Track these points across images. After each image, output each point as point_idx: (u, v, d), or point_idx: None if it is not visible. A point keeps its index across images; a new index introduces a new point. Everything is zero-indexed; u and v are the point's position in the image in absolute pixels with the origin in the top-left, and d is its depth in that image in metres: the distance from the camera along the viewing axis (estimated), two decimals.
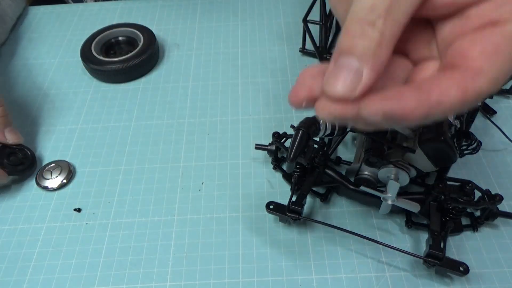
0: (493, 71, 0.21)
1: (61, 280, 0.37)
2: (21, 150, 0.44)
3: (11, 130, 0.44)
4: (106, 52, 0.57)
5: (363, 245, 0.38)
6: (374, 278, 0.36)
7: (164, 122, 0.49)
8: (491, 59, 0.21)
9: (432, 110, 0.21)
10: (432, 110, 0.21)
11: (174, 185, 0.43)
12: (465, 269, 0.33)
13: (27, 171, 0.44)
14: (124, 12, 0.65)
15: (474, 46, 0.22)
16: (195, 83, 0.54)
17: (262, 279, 0.36)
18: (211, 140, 0.47)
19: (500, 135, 0.43)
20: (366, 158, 0.35)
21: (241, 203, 0.41)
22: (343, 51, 0.22)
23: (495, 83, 0.21)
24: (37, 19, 0.65)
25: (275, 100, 0.51)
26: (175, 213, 0.41)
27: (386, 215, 0.39)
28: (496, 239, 0.38)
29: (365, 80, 0.21)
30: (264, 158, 0.45)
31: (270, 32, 0.60)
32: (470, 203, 0.35)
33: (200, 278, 0.37)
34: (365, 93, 0.22)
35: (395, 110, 0.20)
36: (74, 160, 0.46)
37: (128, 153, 0.46)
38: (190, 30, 0.61)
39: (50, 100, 0.53)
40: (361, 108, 0.21)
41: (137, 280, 0.37)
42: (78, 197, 0.43)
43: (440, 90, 0.21)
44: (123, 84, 0.54)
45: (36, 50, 0.60)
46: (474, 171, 0.43)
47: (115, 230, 0.40)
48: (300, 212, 0.37)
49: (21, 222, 0.41)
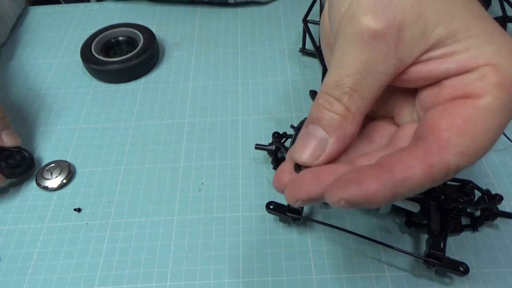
0: (462, 145, 0.20)
1: (61, 280, 0.37)
2: (19, 152, 0.44)
3: (9, 133, 0.43)
4: (106, 52, 0.57)
5: (363, 245, 0.38)
6: (374, 278, 0.36)
7: (164, 122, 0.49)
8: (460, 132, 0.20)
9: (398, 189, 0.20)
10: (398, 189, 0.20)
11: (174, 185, 0.43)
12: (465, 269, 0.33)
13: (26, 173, 0.44)
14: (124, 12, 0.65)
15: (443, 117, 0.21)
16: (195, 83, 0.54)
17: (262, 279, 0.36)
18: (211, 140, 0.47)
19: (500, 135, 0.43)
20: None
21: (241, 203, 0.41)
22: (312, 120, 0.23)
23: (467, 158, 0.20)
24: (37, 19, 0.65)
25: (275, 100, 0.51)
26: (175, 213, 0.41)
27: (386, 215, 0.39)
28: (496, 239, 0.38)
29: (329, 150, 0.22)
30: (264, 158, 0.45)
31: (270, 32, 0.60)
32: (470, 203, 0.35)
33: (200, 278, 0.37)
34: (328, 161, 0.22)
35: (357, 196, 0.19)
36: (74, 160, 0.46)
37: (128, 153, 0.46)
38: (190, 30, 0.61)
39: (50, 100, 0.53)
40: (325, 196, 0.21)
41: (137, 280, 0.37)
42: (78, 197, 0.43)
43: (404, 166, 0.20)
44: (123, 84, 0.54)
45: (36, 50, 0.60)
46: (474, 171, 0.43)
47: (115, 230, 0.40)
48: (300, 212, 0.37)
49: (21, 222, 0.41)
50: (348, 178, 0.20)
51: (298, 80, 0.53)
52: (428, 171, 0.20)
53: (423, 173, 0.20)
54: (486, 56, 0.21)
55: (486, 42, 0.21)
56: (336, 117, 0.22)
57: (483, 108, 0.20)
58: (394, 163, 0.20)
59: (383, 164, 0.21)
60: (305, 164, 0.23)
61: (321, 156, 0.22)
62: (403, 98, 0.25)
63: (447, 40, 0.21)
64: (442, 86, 0.22)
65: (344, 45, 0.22)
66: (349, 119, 0.22)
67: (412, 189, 0.20)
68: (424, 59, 0.22)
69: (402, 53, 0.22)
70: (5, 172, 0.42)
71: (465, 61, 0.21)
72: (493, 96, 0.20)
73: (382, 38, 0.21)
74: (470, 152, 0.20)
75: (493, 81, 0.20)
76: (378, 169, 0.20)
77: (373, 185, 0.19)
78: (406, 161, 0.20)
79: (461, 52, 0.21)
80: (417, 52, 0.22)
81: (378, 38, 0.21)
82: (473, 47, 0.21)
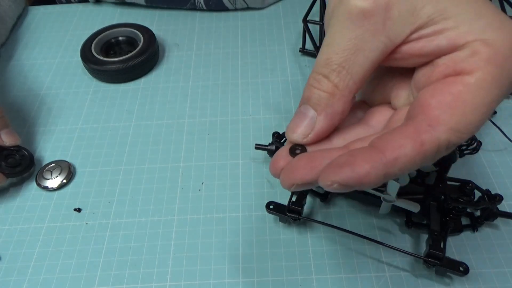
0: (452, 122, 0.20)
1: (61, 280, 0.37)
2: (19, 151, 0.44)
3: (8, 132, 0.43)
4: (106, 52, 0.57)
5: (363, 245, 0.38)
6: (374, 278, 0.36)
7: (164, 122, 0.49)
8: (450, 109, 0.21)
9: (389, 169, 0.20)
10: (389, 169, 0.20)
11: (174, 185, 0.43)
12: (465, 269, 0.33)
13: (26, 172, 0.44)
14: (124, 12, 0.65)
15: (434, 96, 0.21)
16: (195, 83, 0.54)
17: (262, 279, 0.36)
18: (211, 140, 0.47)
19: (500, 135, 0.43)
20: None
21: (241, 203, 0.41)
22: (303, 100, 0.24)
23: (457, 134, 0.21)
24: (37, 19, 0.65)
25: (275, 100, 0.51)
26: (175, 213, 0.41)
27: (386, 215, 0.39)
28: (496, 239, 0.38)
29: (317, 128, 0.23)
30: (264, 158, 0.45)
31: (270, 32, 0.60)
32: (470, 203, 0.35)
33: (200, 278, 0.37)
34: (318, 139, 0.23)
35: (349, 178, 0.20)
36: (74, 160, 0.46)
37: (128, 153, 0.46)
38: (190, 30, 0.61)
39: (50, 100, 0.53)
40: (319, 180, 0.21)
41: (137, 280, 0.37)
42: (78, 197, 0.43)
43: (395, 146, 0.20)
44: (123, 84, 0.54)
45: (36, 50, 0.60)
46: (474, 171, 0.43)
47: (115, 230, 0.40)
48: (300, 212, 0.37)
49: (21, 222, 0.41)
50: (341, 161, 0.21)
51: (298, 80, 0.53)
52: (419, 148, 0.20)
53: (414, 151, 0.20)
54: (477, 32, 0.21)
55: (476, 18, 0.21)
56: (324, 95, 0.22)
57: (473, 85, 0.21)
58: (385, 143, 0.21)
59: (375, 146, 0.21)
60: (296, 142, 0.23)
61: (310, 134, 0.23)
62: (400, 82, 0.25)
63: (437, 18, 0.21)
64: (435, 66, 0.22)
65: (335, 25, 0.23)
66: (337, 96, 0.22)
67: (404, 168, 0.20)
68: (415, 38, 0.22)
69: (390, 30, 0.22)
70: (5, 172, 0.42)
71: (455, 37, 0.21)
72: (484, 72, 0.21)
73: (370, 16, 0.22)
74: (461, 128, 0.21)
75: (484, 57, 0.21)
76: (370, 150, 0.21)
77: (365, 167, 0.20)
78: (396, 141, 0.21)
79: (451, 29, 0.21)
80: (407, 30, 0.22)
81: (366, 16, 0.22)
82: (463, 23, 0.21)
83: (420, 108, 0.22)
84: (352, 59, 0.22)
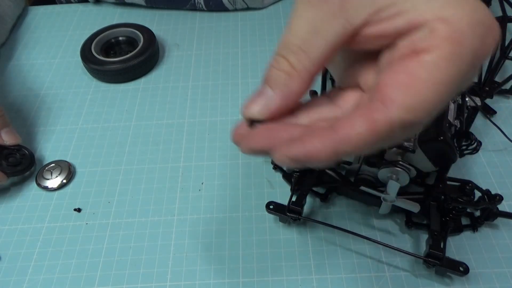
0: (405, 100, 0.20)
1: (61, 280, 0.37)
2: (19, 150, 0.44)
3: (8, 131, 0.43)
4: (106, 52, 0.57)
5: (363, 245, 0.38)
6: (374, 278, 0.36)
7: (164, 122, 0.49)
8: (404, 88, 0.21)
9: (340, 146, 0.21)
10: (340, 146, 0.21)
11: (174, 185, 0.43)
12: (465, 269, 0.33)
13: (26, 171, 0.44)
14: (124, 12, 0.65)
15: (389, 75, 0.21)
16: (195, 83, 0.54)
17: (262, 279, 0.36)
18: (211, 140, 0.47)
19: (500, 135, 0.43)
20: (366, 158, 0.35)
21: (241, 203, 0.41)
22: (263, 80, 0.24)
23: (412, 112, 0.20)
24: (37, 19, 0.65)
25: None
26: (175, 213, 0.41)
27: (386, 215, 0.39)
28: (496, 239, 0.38)
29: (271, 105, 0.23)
30: (264, 158, 0.45)
31: (270, 32, 0.60)
32: (470, 203, 0.35)
33: (200, 278, 0.37)
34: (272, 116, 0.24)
35: (300, 154, 0.21)
36: (74, 160, 0.46)
37: (128, 153, 0.46)
38: (190, 30, 0.61)
39: (50, 100, 0.53)
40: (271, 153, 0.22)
41: (137, 280, 0.37)
42: (78, 197, 0.43)
43: (347, 125, 0.21)
44: (123, 84, 0.54)
45: (36, 50, 0.60)
46: (474, 171, 0.43)
47: (115, 230, 0.40)
48: (300, 212, 0.37)
49: (21, 222, 0.41)
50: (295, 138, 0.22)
51: None
52: (371, 127, 0.20)
53: (367, 129, 0.20)
54: (435, 10, 0.21)
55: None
56: (281, 74, 0.23)
57: (429, 62, 0.21)
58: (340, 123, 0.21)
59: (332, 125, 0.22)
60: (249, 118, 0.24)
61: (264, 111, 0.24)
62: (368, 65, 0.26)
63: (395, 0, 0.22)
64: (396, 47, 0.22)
65: (296, 9, 0.23)
66: (294, 77, 0.23)
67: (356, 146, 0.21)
68: (375, 20, 0.22)
69: (349, 13, 0.22)
70: (6, 171, 0.42)
71: (413, 17, 0.21)
72: (441, 50, 0.20)
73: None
74: (415, 106, 0.21)
75: (441, 34, 0.21)
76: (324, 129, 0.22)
77: (315, 143, 0.21)
78: (350, 120, 0.21)
79: (409, 9, 0.22)
80: (365, 12, 0.22)
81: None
82: (420, 2, 0.21)
83: (377, 88, 0.22)
84: (311, 41, 0.23)
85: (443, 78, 0.20)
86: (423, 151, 0.34)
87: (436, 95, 0.20)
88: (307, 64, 0.23)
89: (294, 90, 0.23)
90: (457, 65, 0.20)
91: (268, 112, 0.24)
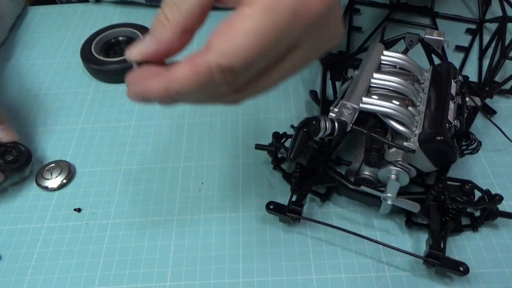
0: (221, 46, 0.24)
1: (61, 280, 0.37)
2: (15, 147, 0.44)
3: (5, 128, 0.43)
4: (106, 52, 0.57)
5: (363, 245, 0.38)
6: (374, 278, 0.36)
7: (164, 122, 0.49)
8: (222, 35, 0.24)
9: (170, 86, 0.24)
10: (170, 86, 0.24)
11: (174, 185, 0.43)
12: (465, 269, 0.33)
13: (24, 167, 0.44)
14: (124, 12, 0.65)
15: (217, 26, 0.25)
16: None
17: (262, 279, 0.36)
18: (211, 140, 0.47)
19: (500, 135, 0.43)
20: (366, 158, 0.35)
21: (241, 203, 0.41)
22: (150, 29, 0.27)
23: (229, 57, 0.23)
24: (37, 19, 0.65)
25: (275, 100, 0.51)
26: (175, 213, 0.41)
27: (386, 215, 0.39)
28: (496, 239, 0.38)
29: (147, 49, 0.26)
30: (264, 158, 0.45)
31: None
32: (470, 203, 0.35)
33: (200, 278, 0.37)
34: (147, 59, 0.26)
35: (140, 91, 0.25)
36: (74, 160, 0.46)
37: (128, 153, 0.46)
38: None
39: (50, 100, 0.53)
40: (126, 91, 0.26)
41: (137, 280, 0.37)
42: (78, 197, 0.43)
43: (177, 67, 0.24)
44: (123, 84, 0.54)
45: (36, 50, 0.60)
46: (474, 171, 0.43)
47: (115, 230, 0.40)
48: (300, 212, 0.37)
49: (21, 222, 0.41)
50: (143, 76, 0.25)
51: (298, 80, 0.53)
52: (193, 68, 0.24)
53: (189, 71, 0.24)
54: None
55: None
56: (158, 24, 0.26)
57: (246, 14, 0.24)
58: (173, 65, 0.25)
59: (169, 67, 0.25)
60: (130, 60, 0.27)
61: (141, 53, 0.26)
62: None
63: None
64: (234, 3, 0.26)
65: None
66: (166, 27, 0.26)
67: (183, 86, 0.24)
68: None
69: None
70: (3, 168, 0.42)
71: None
72: (258, 3, 0.24)
73: None
74: (231, 52, 0.24)
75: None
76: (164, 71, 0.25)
77: (151, 82, 0.25)
78: (181, 63, 0.24)
79: None
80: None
81: None
82: None
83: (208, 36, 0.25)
84: None
85: (257, 29, 0.24)
86: (423, 151, 0.34)
87: (250, 42, 0.23)
88: (178, 16, 0.26)
89: (166, 39, 0.26)
90: (271, 18, 0.24)
91: (144, 54, 0.26)
